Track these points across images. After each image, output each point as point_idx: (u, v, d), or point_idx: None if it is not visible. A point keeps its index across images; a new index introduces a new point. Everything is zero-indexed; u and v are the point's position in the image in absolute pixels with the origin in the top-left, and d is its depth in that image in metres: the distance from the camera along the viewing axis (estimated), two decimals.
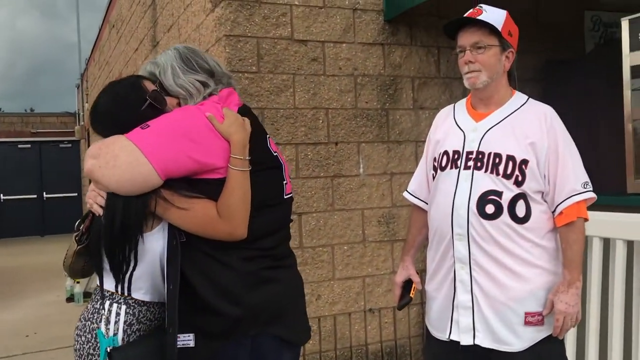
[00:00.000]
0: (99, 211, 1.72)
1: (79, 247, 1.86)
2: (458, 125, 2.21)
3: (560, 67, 4.30)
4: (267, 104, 3.55)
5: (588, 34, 4.65)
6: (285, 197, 1.87)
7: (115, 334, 1.77)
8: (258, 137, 1.81)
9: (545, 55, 4.38)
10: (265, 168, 1.79)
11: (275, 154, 1.87)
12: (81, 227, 1.87)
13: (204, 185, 1.70)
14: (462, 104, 2.28)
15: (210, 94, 1.85)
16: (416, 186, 2.41)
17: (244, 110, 1.86)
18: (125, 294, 1.82)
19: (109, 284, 1.81)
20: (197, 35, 3.99)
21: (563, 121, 2.14)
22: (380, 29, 3.88)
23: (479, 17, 2.06)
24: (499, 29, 2.05)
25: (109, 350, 1.74)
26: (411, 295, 2.32)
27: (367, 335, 3.85)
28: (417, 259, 2.55)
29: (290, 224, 1.98)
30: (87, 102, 13.11)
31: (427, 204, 2.33)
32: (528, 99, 2.17)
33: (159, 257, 1.78)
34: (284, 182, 1.87)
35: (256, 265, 1.75)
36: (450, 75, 4.09)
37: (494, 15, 2.07)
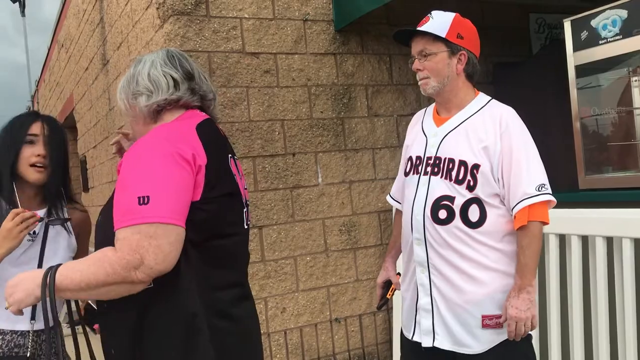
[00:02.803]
0: None
1: None
2: (423, 131, 2.24)
3: (508, 69, 4.39)
4: (222, 118, 3.52)
5: (534, 36, 4.77)
6: (245, 226, 1.73)
7: None
8: (222, 164, 1.66)
9: (493, 59, 4.47)
10: (222, 195, 1.62)
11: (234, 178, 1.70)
12: None
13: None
14: (431, 108, 2.30)
15: (170, 102, 1.67)
16: (396, 189, 2.45)
17: (203, 125, 1.66)
18: None
19: None
20: (147, 52, 3.93)
21: None
22: (332, 39, 3.90)
23: (422, 27, 2.11)
24: (443, 35, 2.08)
25: None
26: (388, 296, 2.37)
27: (335, 345, 3.83)
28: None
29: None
30: None
31: None
32: (490, 100, 2.17)
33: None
34: (244, 210, 1.73)
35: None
36: (403, 82, 4.13)
37: (439, 22, 2.10)
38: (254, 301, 1.81)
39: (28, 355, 1.94)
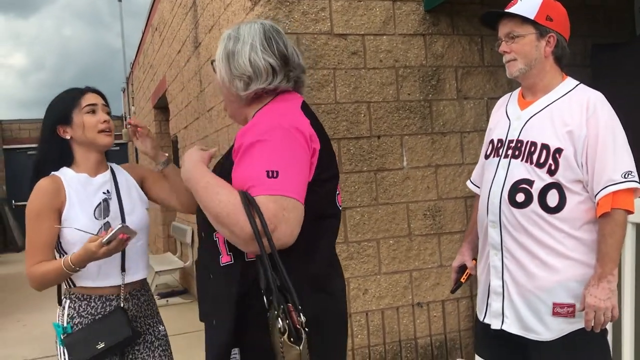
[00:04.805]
0: None
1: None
2: (507, 114, 2.23)
3: (608, 51, 4.15)
4: (308, 100, 3.54)
5: (639, 15, 4.48)
6: (339, 207, 1.77)
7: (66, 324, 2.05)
8: (329, 146, 1.72)
9: (592, 39, 4.24)
10: (330, 177, 1.68)
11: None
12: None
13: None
14: (516, 92, 2.29)
15: (267, 91, 1.71)
16: (476, 175, 2.46)
17: (304, 107, 1.75)
18: (70, 284, 2.05)
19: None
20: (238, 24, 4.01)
21: (612, 107, 2.07)
22: (421, 20, 3.83)
23: (510, 9, 2.08)
24: (531, 17, 2.04)
25: (62, 337, 2.01)
26: (462, 280, 2.41)
27: (416, 329, 3.81)
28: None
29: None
30: (133, 105, 13.40)
31: None
32: (577, 85, 2.12)
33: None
34: (337, 193, 1.76)
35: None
36: (495, 63, 4.00)
37: (528, 4, 2.06)
38: (344, 280, 1.85)
39: (122, 305, 2.07)
